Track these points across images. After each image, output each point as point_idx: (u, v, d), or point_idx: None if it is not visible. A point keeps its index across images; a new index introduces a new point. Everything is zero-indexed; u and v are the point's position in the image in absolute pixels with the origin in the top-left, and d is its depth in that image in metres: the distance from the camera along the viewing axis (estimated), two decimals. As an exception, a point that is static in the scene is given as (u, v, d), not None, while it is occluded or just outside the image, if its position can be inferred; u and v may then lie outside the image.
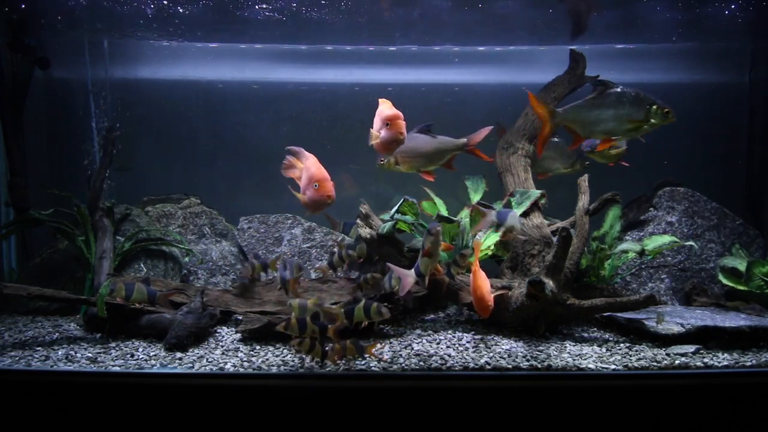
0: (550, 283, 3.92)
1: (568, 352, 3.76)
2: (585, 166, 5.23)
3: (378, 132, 3.53)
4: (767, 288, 4.74)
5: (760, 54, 6.14)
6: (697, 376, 3.46)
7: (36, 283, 4.59)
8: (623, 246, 4.77)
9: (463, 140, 4.41)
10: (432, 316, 4.75)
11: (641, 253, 4.64)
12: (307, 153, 3.68)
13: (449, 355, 3.68)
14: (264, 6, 5.29)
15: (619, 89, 4.07)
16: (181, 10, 5.39)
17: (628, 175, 6.05)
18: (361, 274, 4.55)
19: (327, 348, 3.61)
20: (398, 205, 4.60)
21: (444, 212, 5.02)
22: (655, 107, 3.97)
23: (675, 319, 4.09)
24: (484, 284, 3.76)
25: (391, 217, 4.58)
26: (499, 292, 4.09)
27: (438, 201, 5.08)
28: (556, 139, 5.13)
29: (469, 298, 4.13)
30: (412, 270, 3.57)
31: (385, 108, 3.57)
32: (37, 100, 5.71)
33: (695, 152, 6.19)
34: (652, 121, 3.99)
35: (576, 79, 5.08)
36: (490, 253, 4.78)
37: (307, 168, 3.58)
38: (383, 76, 6.33)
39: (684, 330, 3.90)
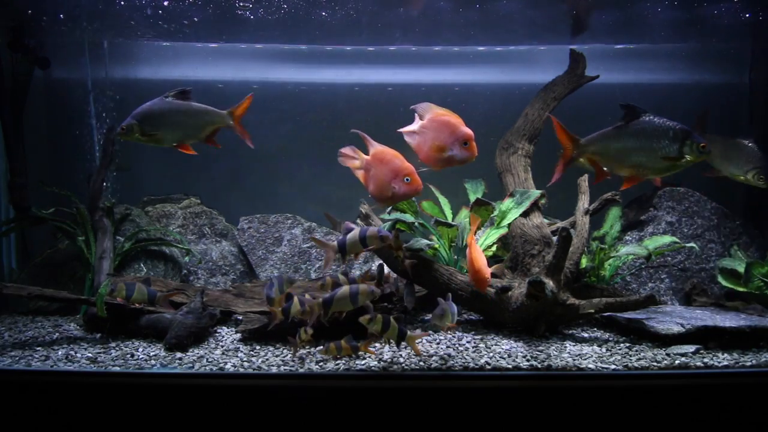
0: (550, 283, 3.92)
1: (568, 352, 3.76)
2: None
3: (446, 145, 3.36)
4: (767, 289, 4.74)
5: (760, 54, 6.14)
6: (697, 376, 3.46)
7: (36, 283, 4.59)
8: (628, 249, 4.75)
9: (226, 111, 4.09)
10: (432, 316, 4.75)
11: (647, 257, 4.62)
12: (374, 141, 3.52)
13: (449, 355, 3.68)
14: (264, 6, 5.28)
15: (648, 118, 3.70)
16: (181, 10, 5.39)
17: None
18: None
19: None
20: None
21: (448, 211, 5.02)
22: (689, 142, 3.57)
23: (675, 319, 4.09)
24: (480, 257, 3.73)
25: (388, 213, 4.58)
26: (496, 268, 4.03)
27: (442, 200, 5.07)
28: (747, 143, 4.89)
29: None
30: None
31: (459, 122, 3.41)
32: (37, 100, 5.71)
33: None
34: (687, 158, 3.61)
35: (576, 79, 5.08)
36: (490, 253, 4.78)
37: (387, 160, 3.43)
38: (383, 76, 6.33)
39: (684, 330, 3.90)
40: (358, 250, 3.40)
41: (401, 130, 3.64)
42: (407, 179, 3.36)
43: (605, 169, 3.95)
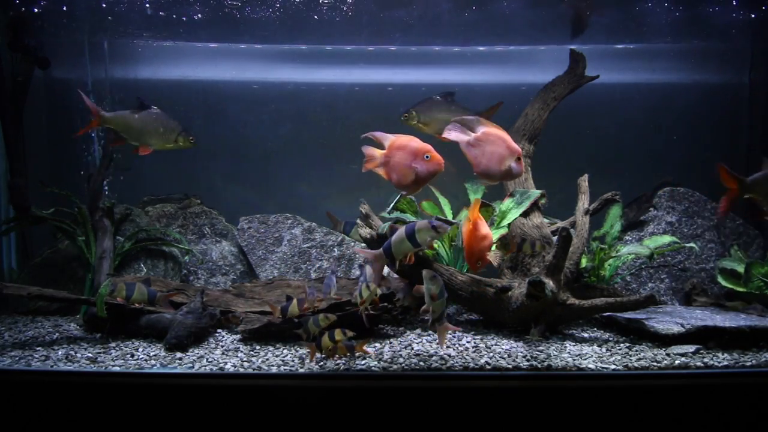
0: (550, 283, 3.92)
1: (568, 352, 3.76)
2: None
3: (505, 159, 3.46)
4: (767, 289, 4.74)
5: (760, 54, 6.14)
6: (697, 376, 3.46)
7: (36, 283, 4.59)
8: (630, 249, 4.75)
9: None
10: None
11: (650, 257, 4.62)
12: (385, 134, 3.59)
13: (449, 355, 3.68)
14: (252, 5, 5.28)
15: None
16: (181, 11, 5.39)
17: (628, 175, 6.06)
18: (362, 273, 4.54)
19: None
20: (395, 201, 4.59)
21: (448, 211, 5.02)
22: None
23: (675, 319, 4.09)
24: (478, 243, 3.79)
25: (389, 213, 4.58)
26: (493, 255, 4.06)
27: (443, 200, 5.07)
28: None
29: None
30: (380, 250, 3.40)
31: (509, 137, 3.48)
32: (37, 100, 5.71)
33: (695, 152, 6.19)
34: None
35: (576, 79, 5.08)
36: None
37: (403, 146, 3.50)
38: (383, 76, 6.33)
39: (684, 330, 3.90)
40: (407, 251, 3.38)
41: (449, 137, 3.66)
42: (427, 156, 3.41)
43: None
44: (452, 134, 3.64)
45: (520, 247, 4.12)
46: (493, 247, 4.69)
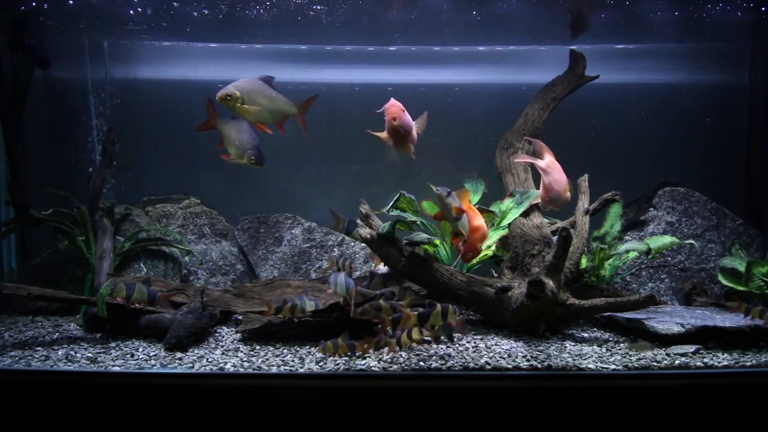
0: (550, 283, 3.91)
1: (568, 352, 3.76)
2: None
3: (567, 189, 3.92)
4: (767, 288, 4.74)
5: (760, 54, 6.14)
6: (697, 376, 3.47)
7: (36, 283, 4.59)
8: (627, 246, 4.75)
9: None
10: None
11: (647, 252, 4.62)
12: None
13: (449, 355, 3.68)
14: (264, 6, 5.29)
15: None
16: (181, 10, 5.39)
17: (628, 175, 6.06)
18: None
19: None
20: (395, 200, 4.58)
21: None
22: None
23: (675, 319, 4.09)
24: (469, 234, 3.94)
25: (387, 211, 4.57)
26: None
27: None
28: None
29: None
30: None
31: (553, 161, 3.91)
32: (37, 100, 5.71)
33: (695, 152, 6.19)
34: None
35: (576, 79, 5.08)
36: (490, 253, 4.78)
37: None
38: (383, 76, 6.33)
39: (684, 330, 3.90)
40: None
41: (532, 161, 4.11)
42: (393, 120, 3.93)
43: None
44: (528, 158, 4.09)
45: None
46: (491, 244, 4.70)
